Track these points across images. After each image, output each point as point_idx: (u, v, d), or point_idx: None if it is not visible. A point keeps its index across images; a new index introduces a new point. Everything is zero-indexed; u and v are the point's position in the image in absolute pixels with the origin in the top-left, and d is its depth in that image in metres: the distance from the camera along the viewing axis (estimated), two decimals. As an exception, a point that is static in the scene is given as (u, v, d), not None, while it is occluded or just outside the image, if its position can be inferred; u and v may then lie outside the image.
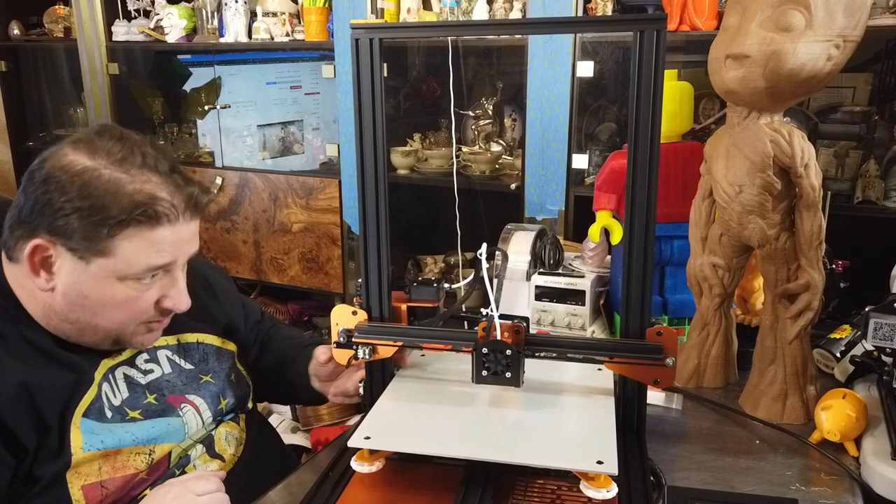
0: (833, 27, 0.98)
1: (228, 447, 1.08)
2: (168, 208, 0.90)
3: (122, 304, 0.92)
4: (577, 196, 2.03)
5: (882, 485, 0.94)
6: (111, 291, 0.91)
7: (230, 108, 2.62)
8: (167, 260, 0.92)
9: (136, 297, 0.92)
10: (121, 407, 0.97)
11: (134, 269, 0.90)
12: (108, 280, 0.90)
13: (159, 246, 0.91)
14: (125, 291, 0.91)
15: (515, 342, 0.91)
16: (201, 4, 2.58)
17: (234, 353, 1.16)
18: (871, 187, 1.84)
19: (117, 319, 0.93)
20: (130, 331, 0.96)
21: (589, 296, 1.40)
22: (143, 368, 1.02)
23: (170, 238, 0.91)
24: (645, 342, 0.92)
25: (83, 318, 0.92)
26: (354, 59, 0.93)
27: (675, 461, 1.01)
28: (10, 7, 2.97)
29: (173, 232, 0.91)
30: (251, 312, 1.28)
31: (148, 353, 1.03)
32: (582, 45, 1.95)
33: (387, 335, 0.97)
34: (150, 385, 1.02)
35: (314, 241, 2.46)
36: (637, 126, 0.87)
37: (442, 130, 2.49)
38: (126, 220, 0.87)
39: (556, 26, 1.21)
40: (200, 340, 1.11)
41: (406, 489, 0.84)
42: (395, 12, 2.19)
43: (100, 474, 0.92)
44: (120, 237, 0.88)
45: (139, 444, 0.96)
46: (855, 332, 1.27)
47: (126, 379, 1.00)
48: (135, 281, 0.91)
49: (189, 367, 1.07)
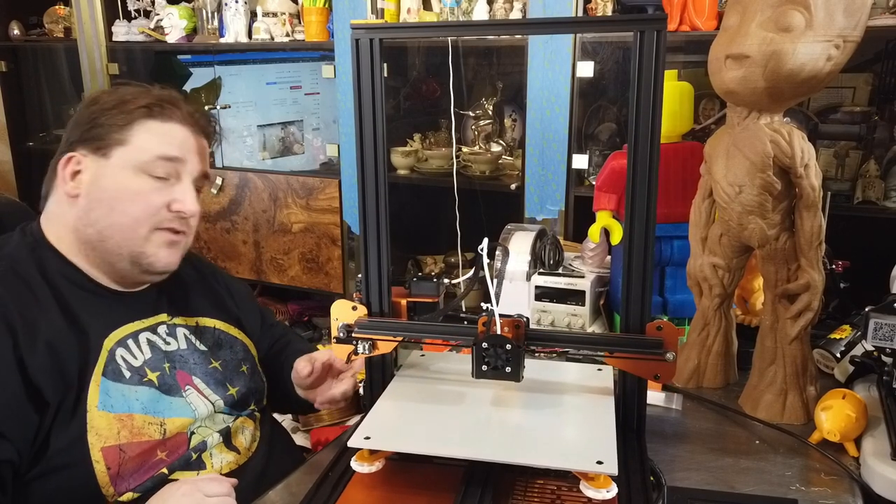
0: (833, 27, 0.98)
1: (244, 441, 1.11)
2: (178, 112, 1.06)
3: (135, 195, 1.01)
4: (577, 196, 2.03)
5: (882, 485, 0.94)
6: (126, 182, 1.01)
7: (230, 108, 2.62)
8: (176, 153, 1.03)
9: (147, 190, 1.02)
10: (141, 367, 1.02)
11: (146, 155, 1.01)
12: (124, 170, 1.01)
13: (170, 138, 1.04)
14: (138, 183, 1.01)
15: (516, 337, 0.91)
16: (201, 4, 2.58)
17: (249, 346, 1.20)
18: (871, 187, 1.84)
19: (130, 213, 1.01)
20: (144, 236, 1.02)
21: (589, 296, 1.40)
22: (165, 339, 1.08)
23: (179, 135, 1.05)
24: (645, 337, 0.92)
25: (101, 218, 1.01)
26: (354, 59, 0.93)
27: (675, 461, 1.01)
28: (10, 7, 2.97)
29: (182, 132, 1.05)
30: (267, 317, 1.32)
31: (169, 327, 1.09)
32: (582, 46, 1.95)
33: (387, 330, 0.97)
34: (168, 354, 1.07)
35: (314, 241, 2.46)
36: (637, 126, 0.87)
37: (442, 130, 2.49)
38: (144, 107, 1.03)
39: (556, 26, 1.21)
40: (217, 326, 1.17)
41: (406, 489, 0.84)
42: (395, 12, 2.19)
43: (118, 438, 0.96)
44: (137, 126, 1.02)
45: (147, 413, 1.00)
46: (855, 333, 1.27)
47: (149, 343, 1.05)
48: (147, 176, 1.02)
49: (203, 349, 1.12)
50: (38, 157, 3.07)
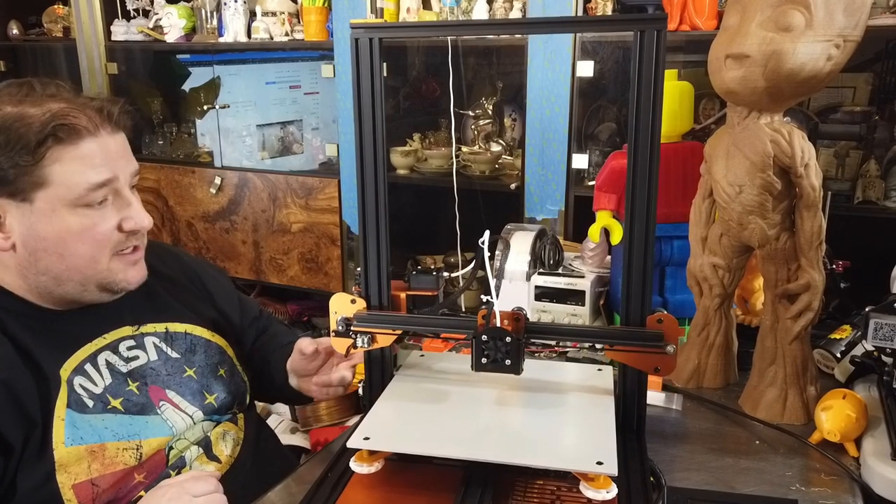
0: (833, 27, 0.98)
1: (226, 448, 1.07)
2: (82, 121, 0.90)
3: (81, 233, 0.91)
4: (577, 196, 2.03)
5: (882, 485, 0.94)
6: (65, 224, 0.90)
7: (229, 107, 2.62)
8: (105, 176, 0.92)
9: (91, 224, 0.92)
10: (102, 395, 0.96)
11: (75, 191, 0.90)
12: (57, 213, 0.90)
13: (91, 161, 0.90)
14: (79, 220, 0.91)
15: (515, 329, 0.90)
16: (200, 4, 2.58)
17: (225, 348, 1.15)
18: (871, 187, 1.84)
19: (84, 254, 0.92)
20: (106, 266, 0.95)
21: (589, 296, 1.40)
22: (126, 356, 1.01)
23: (98, 152, 0.91)
24: (645, 330, 0.91)
25: (52, 266, 0.92)
26: (354, 58, 0.93)
27: (675, 461, 1.01)
28: (10, 7, 2.97)
29: (99, 145, 0.91)
30: (249, 308, 1.27)
31: (135, 339, 1.03)
32: (582, 45, 1.95)
33: (385, 323, 0.97)
34: (132, 373, 1.01)
35: (314, 241, 2.46)
36: (637, 126, 0.87)
37: (442, 130, 2.49)
38: (44, 139, 0.87)
39: (556, 26, 1.21)
40: (188, 331, 1.10)
41: (405, 490, 0.84)
42: (394, 12, 2.19)
43: (90, 472, 0.92)
44: (48, 160, 0.88)
45: (121, 439, 0.95)
46: (855, 333, 1.27)
47: (108, 365, 0.99)
48: (84, 207, 0.91)
49: (175, 356, 1.06)
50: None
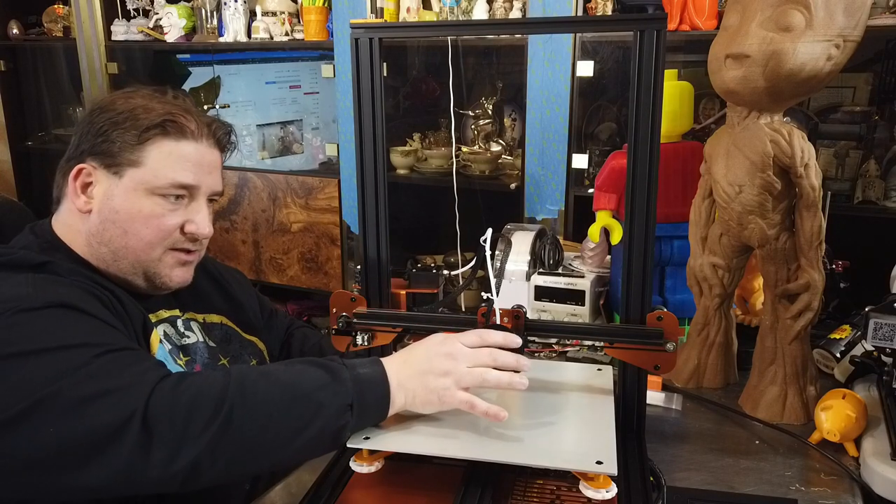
0: (833, 27, 0.98)
1: None
2: (191, 125, 1.02)
3: (148, 218, 0.99)
4: (577, 196, 2.03)
5: (882, 485, 0.94)
6: (139, 205, 0.99)
7: (229, 107, 2.62)
8: (190, 180, 1.00)
9: (160, 213, 1.00)
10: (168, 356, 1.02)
11: (160, 181, 0.99)
12: (137, 192, 0.99)
13: (184, 161, 1.00)
14: (151, 206, 0.99)
15: (515, 327, 0.91)
16: (200, 4, 2.58)
17: (256, 343, 1.19)
18: (871, 187, 1.84)
19: (144, 237, 0.99)
20: (158, 257, 1.01)
21: (589, 296, 1.40)
22: (181, 331, 1.07)
23: (194, 156, 1.01)
24: (645, 327, 0.91)
25: (114, 239, 0.99)
26: (354, 58, 0.93)
27: (675, 461, 1.01)
28: (9, 6, 2.97)
29: (197, 150, 1.02)
30: (264, 306, 1.31)
31: (182, 322, 1.08)
32: (582, 45, 1.94)
33: (386, 321, 0.97)
34: (185, 347, 1.06)
35: (313, 240, 2.46)
36: (637, 126, 0.87)
37: (441, 130, 2.49)
38: (154, 126, 0.98)
39: (556, 26, 1.21)
40: (224, 322, 1.15)
41: (405, 489, 0.84)
42: (394, 12, 2.19)
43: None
44: (150, 145, 0.98)
45: None
46: (855, 333, 1.27)
47: (166, 337, 1.04)
48: (161, 198, 0.99)
49: (212, 345, 1.11)
50: (37, 156, 3.07)
